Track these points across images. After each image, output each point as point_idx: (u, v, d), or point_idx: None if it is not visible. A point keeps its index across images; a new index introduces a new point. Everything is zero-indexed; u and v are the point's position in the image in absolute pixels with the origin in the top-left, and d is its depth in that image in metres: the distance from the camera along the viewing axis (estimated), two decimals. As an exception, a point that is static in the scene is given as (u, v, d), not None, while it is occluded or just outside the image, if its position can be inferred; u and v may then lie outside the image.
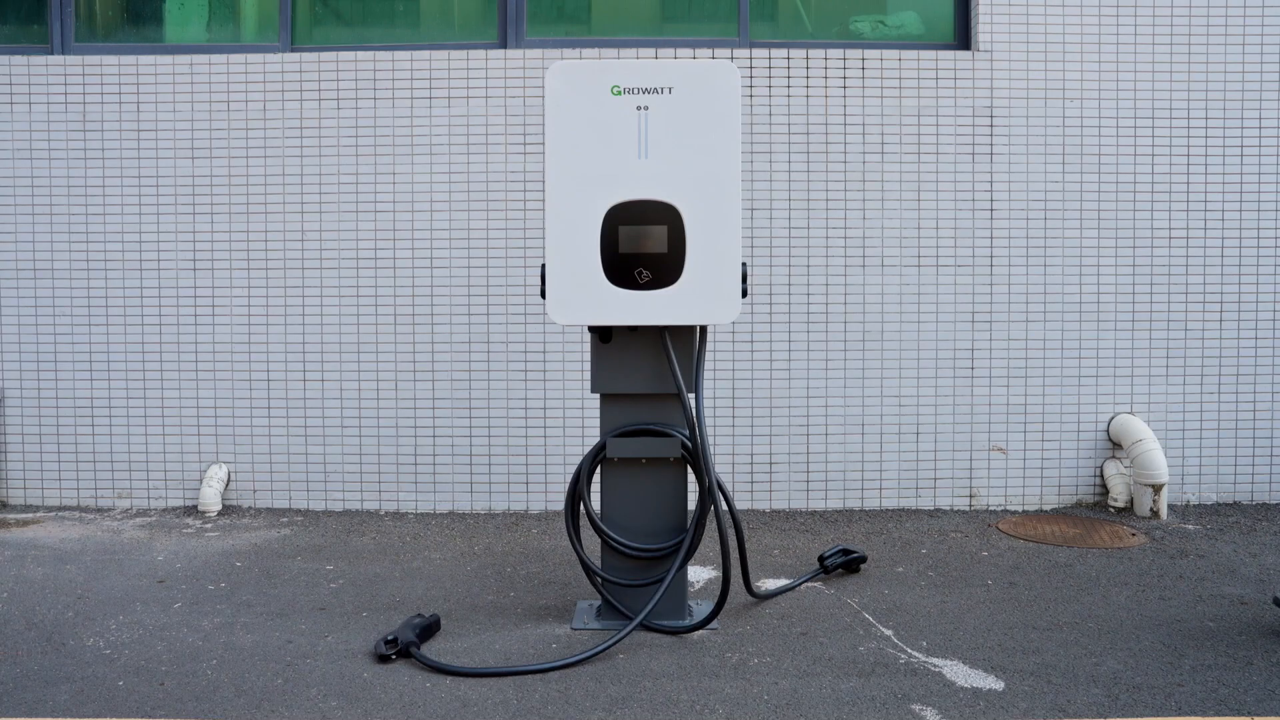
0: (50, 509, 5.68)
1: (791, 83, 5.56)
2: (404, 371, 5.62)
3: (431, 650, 3.71)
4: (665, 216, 3.73)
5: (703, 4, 5.99)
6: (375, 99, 5.57)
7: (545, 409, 5.61)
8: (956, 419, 5.63)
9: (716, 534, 3.81)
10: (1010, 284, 5.62)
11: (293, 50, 5.71)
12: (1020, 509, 5.64)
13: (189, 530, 5.30)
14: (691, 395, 3.81)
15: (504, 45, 5.67)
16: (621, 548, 3.91)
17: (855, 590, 4.36)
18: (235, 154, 5.61)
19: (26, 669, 3.57)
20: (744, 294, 3.80)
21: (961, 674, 3.52)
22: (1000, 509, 5.64)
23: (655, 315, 3.76)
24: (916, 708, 3.27)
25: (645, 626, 3.85)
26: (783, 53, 5.56)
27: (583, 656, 3.59)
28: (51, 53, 5.73)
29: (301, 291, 5.63)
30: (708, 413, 5.52)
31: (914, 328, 5.60)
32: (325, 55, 5.59)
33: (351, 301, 5.60)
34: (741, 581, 4.09)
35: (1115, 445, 5.65)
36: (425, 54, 5.58)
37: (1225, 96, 5.61)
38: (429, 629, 3.82)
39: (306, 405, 5.64)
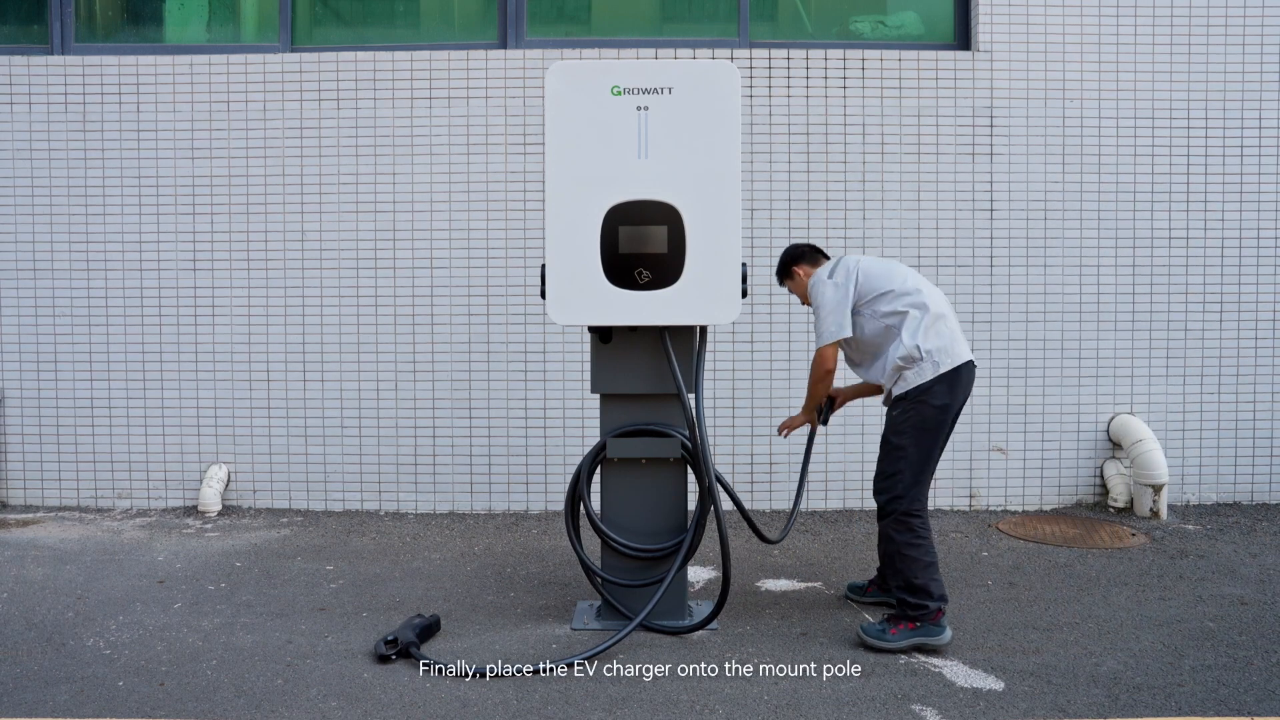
0: (50, 509, 5.68)
1: (791, 83, 5.56)
2: (404, 371, 5.62)
3: (432, 650, 3.71)
4: (665, 216, 3.73)
5: (703, 4, 5.99)
6: (375, 99, 5.57)
7: (545, 409, 5.61)
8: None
9: (717, 534, 3.81)
10: (1010, 284, 5.61)
11: (293, 50, 5.70)
12: (1020, 509, 5.64)
13: (189, 530, 5.29)
14: (691, 395, 3.81)
15: (504, 45, 5.66)
16: (621, 548, 3.91)
17: (855, 590, 4.36)
18: (235, 154, 5.61)
19: (26, 669, 3.57)
20: (744, 294, 3.79)
21: (961, 674, 3.52)
22: (1000, 509, 5.63)
23: (655, 315, 3.75)
24: (916, 708, 3.27)
25: (645, 627, 3.85)
26: (783, 53, 5.56)
27: (583, 656, 3.59)
28: (51, 53, 5.73)
29: (301, 292, 5.62)
30: (708, 413, 5.52)
31: (914, 328, 5.59)
32: (325, 55, 5.59)
33: (351, 302, 5.60)
34: (757, 535, 4.08)
35: (1115, 445, 5.65)
36: (425, 54, 5.57)
37: (1225, 96, 5.60)
38: (429, 629, 3.82)
39: (306, 405, 5.64)
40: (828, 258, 4.09)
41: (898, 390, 3.82)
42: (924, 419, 3.76)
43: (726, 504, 5.56)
